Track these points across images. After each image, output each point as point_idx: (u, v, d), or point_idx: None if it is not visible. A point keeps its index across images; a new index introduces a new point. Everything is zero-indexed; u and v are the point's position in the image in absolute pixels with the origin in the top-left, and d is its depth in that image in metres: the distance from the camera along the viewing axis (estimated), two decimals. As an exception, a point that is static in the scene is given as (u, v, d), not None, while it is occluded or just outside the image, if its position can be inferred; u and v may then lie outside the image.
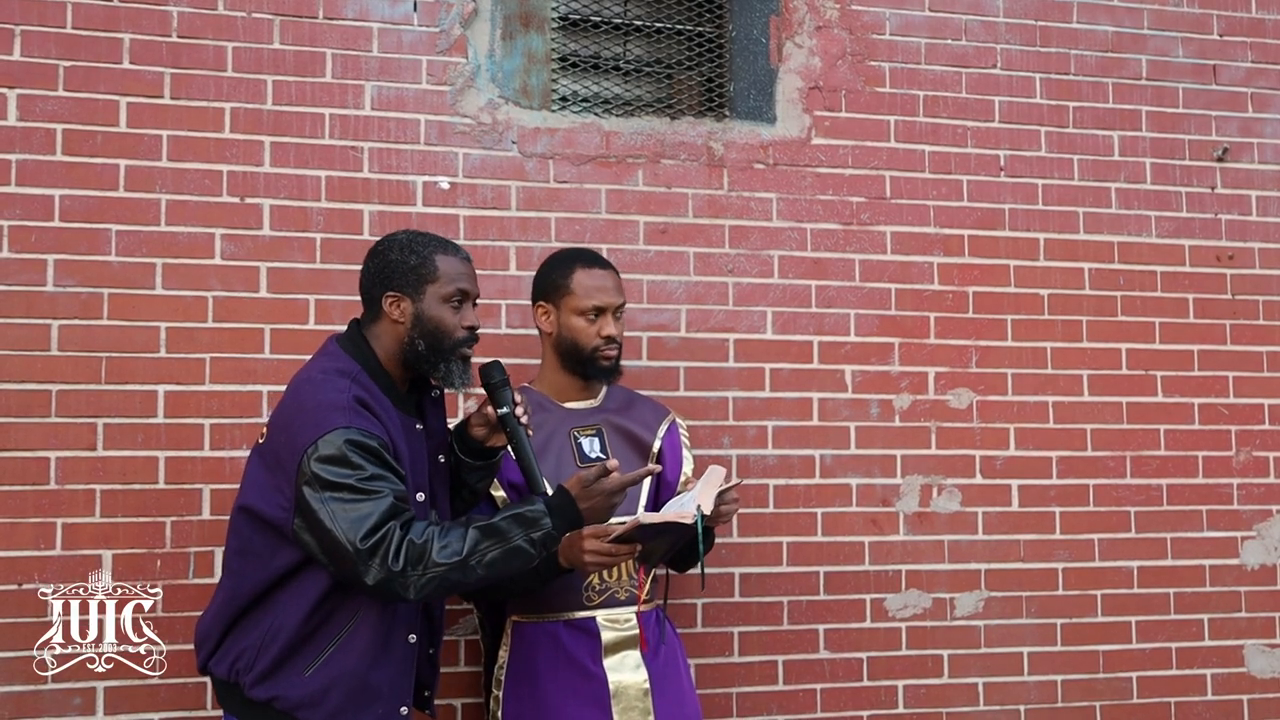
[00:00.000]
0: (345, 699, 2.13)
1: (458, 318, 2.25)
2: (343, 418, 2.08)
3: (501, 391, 2.29)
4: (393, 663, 2.20)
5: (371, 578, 2.02)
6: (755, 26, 3.23)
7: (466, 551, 2.06)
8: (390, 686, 2.20)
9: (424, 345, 2.23)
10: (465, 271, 2.29)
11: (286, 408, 2.19)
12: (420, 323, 2.23)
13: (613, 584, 2.53)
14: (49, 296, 2.74)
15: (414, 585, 2.04)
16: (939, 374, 3.23)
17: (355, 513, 2.02)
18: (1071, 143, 3.38)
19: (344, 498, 2.03)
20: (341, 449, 2.05)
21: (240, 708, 2.18)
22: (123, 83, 2.82)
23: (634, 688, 2.49)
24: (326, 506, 2.03)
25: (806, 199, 3.21)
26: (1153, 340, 3.37)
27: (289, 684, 2.12)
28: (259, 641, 2.14)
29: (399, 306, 2.24)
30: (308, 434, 2.07)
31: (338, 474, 2.04)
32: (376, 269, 2.28)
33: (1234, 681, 3.33)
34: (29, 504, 2.69)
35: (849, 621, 3.12)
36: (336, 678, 2.13)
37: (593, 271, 2.59)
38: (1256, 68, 3.53)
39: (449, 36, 3.03)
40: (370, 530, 2.02)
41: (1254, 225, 3.48)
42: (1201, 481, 3.36)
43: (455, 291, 2.25)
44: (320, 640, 2.13)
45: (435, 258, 2.26)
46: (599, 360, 2.58)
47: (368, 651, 2.16)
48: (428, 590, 2.06)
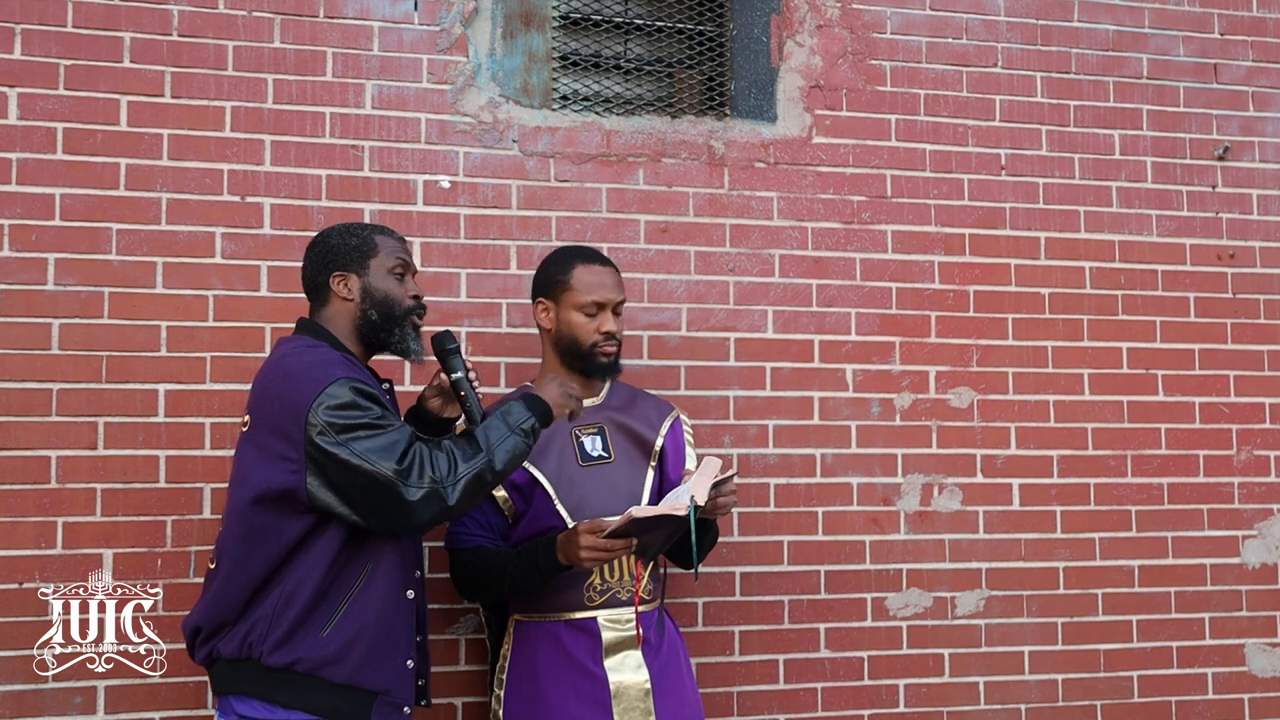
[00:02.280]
0: (369, 651, 2.19)
1: (403, 288, 2.35)
2: (341, 369, 2.18)
3: (452, 358, 2.35)
4: (401, 615, 2.27)
5: (415, 494, 2.10)
6: (756, 25, 3.23)
7: (485, 450, 2.17)
8: (403, 638, 2.26)
9: (376, 315, 2.32)
10: (402, 247, 2.40)
11: (269, 385, 2.23)
12: (369, 295, 2.32)
13: (614, 584, 2.53)
14: (49, 295, 2.74)
15: (453, 491, 2.13)
16: (940, 373, 3.23)
17: (381, 443, 2.11)
18: (1072, 141, 3.38)
19: (364, 435, 2.11)
20: (350, 395, 2.13)
21: (255, 680, 2.18)
22: (123, 81, 2.82)
23: (635, 688, 2.48)
24: (348, 448, 2.10)
25: (807, 198, 3.20)
26: (1154, 339, 3.37)
27: (308, 645, 2.15)
28: (271, 611, 2.16)
29: (346, 284, 2.33)
30: (308, 390, 2.14)
31: (352, 417, 2.12)
32: (319, 256, 2.37)
33: (1235, 680, 3.33)
34: (30, 503, 2.69)
35: (850, 620, 3.12)
36: (357, 631, 2.18)
37: (592, 267, 2.59)
38: (1257, 66, 3.53)
39: (450, 35, 3.03)
40: (402, 453, 2.11)
41: (1255, 224, 3.48)
42: (1202, 480, 3.36)
43: (397, 263, 2.35)
44: (334, 599, 2.18)
45: (373, 237, 2.37)
46: (597, 356, 2.57)
47: (383, 602, 2.22)
48: (465, 496, 2.15)
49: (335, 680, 2.16)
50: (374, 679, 2.19)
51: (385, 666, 2.21)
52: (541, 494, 2.52)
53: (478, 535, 2.53)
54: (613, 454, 2.59)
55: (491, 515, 2.54)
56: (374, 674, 2.19)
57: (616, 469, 2.59)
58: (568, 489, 2.53)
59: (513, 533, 2.56)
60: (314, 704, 2.16)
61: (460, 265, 2.97)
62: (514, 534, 2.56)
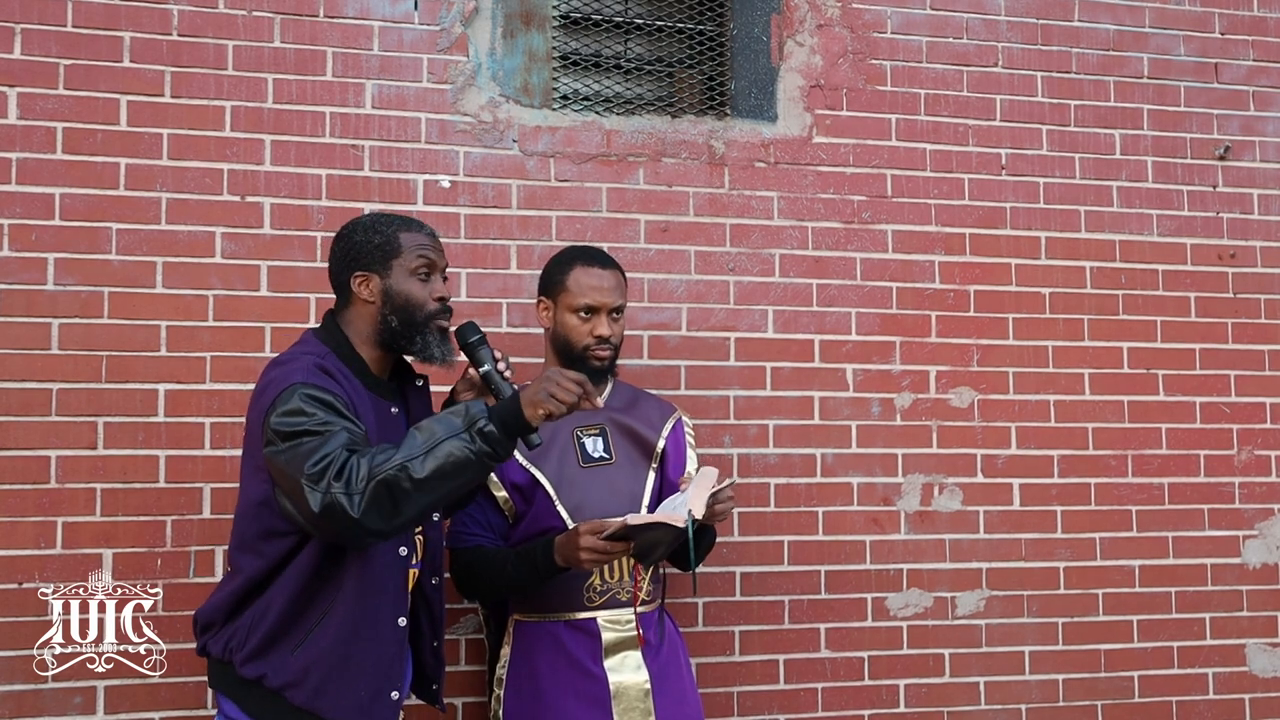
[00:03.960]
0: (323, 679, 2.12)
1: (427, 289, 2.23)
2: (299, 375, 2.07)
3: (479, 350, 2.22)
4: (380, 644, 2.18)
5: (316, 503, 1.95)
6: (756, 25, 3.23)
7: (402, 457, 1.97)
8: (376, 667, 2.17)
9: (397, 321, 2.21)
10: (429, 244, 2.26)
11: (255, 393, 2.19)
12: (390, 298, 2.21)
13: (614, 585, 2.52)
14: (49, 295, 2.74)
15: (356, 500, 1.94)
16: (940, 373, 3.23)
17: (304, 452, 1.99)
18: (1073, 141, 3.38)
19: (301, 443, 2.00)
20: (296, 401, 2.03)
21: (232, 686, 2.20)
22: (123, 81, 2.82)
23: (635, 688, 2.48)
24: (284, 455, 2.01)
25: (808, 197, 3.20)
26: (1154, 339, 3.37)
27: (276, 664, 2.13)
28: (250, 622, 2.15)
29: (368, 285, 2.22)
30: (269, 400, 2.07)
31: (294, 424, 2.01)
32: (342, 253, 2.26)
33: (1235, 680, 3.33)
34: (29, 503, 2.69)
35: (850, 620, 3.12)
36: (315, 658, 2.13)
37: (591, 270, 2.57)
38: (1258, 66, 3.53)
39: (450, 35, 3.02)
40: (317, 460, 1.97)
41: (1255, 224, 3.47)
42: (1203, 480, 3.36)
43: (421, 263, 2.23)
44: (306, 622, 2.13)
45: (399, 234, 2.24)
46: (589, 360, 2.55)
47: (344, 631, 2.13)
48: (374, 506, 1.95)
49: (295, 703, 2.12)
50: (329, 708, 2.13)
51: (342, 697, 2.13)
52: (542, 494, 2.52)
53: (478, 535, 2.53)
54: (614, 455, 2.59)
55: (492, 515, 2.54)
56: (329, 703, 2.13)
57: (617, 470, 2.58)
58: (568, 490, 2.53)
59: (513, 533, 2.55)
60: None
61: (460, 265, 2.96)
62: (514, 534, 2.55)
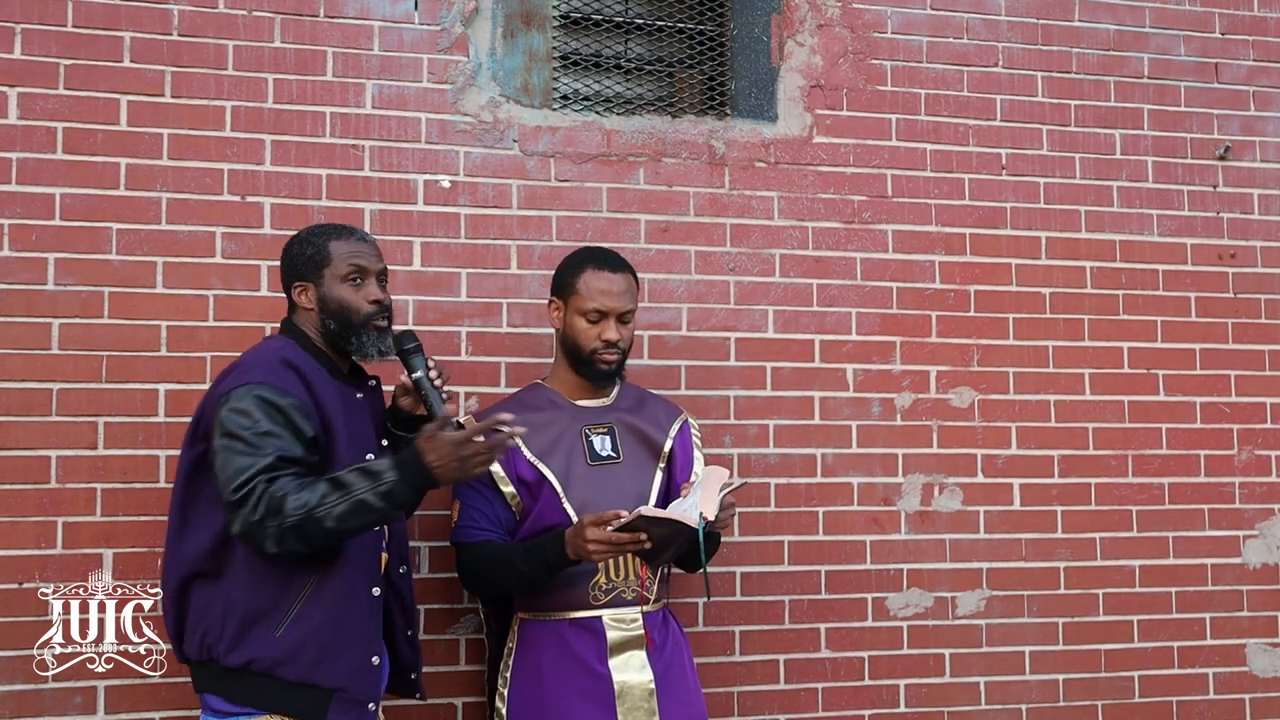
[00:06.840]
0: (320, 650, 2.22)
1: (360, 294, 2.36)
2: (260, 374, 2.21)
3: (413, 358, 2.38)
4: (360, 613, 2.28)
5: (237, 527, 2.13)
6: (757, 25, 3.23)
7: (315, 504, 2.10)
8: (361, 635, 2.27)
9: (335, 325, 2.36)
10: (359, 250, 2.39)
11: (216, 377, 2.34)
12: (326, 305, 2.36)
13: (619, 584, 2.53)
14: (49, 295, 2.73)
15: (271, 536, 2.10)
16: (940, 373, 3.23)
17: (235, 464, 2.12)
18: (1073, 141, 3.38)
19: (235, 447, 2.14)
20: (248, 403, 2.16)
21: (218, 680, 2.25)
22: (123, 81, 2.82)
23: (639, 688, 2.48)
24: (222, 453, 2.15)
25: (808, 197, 3.20)
26: (1154, 339, 3.37)
27: (262, 645, 2.20)
28: (221, 613, 2.22)
29: (306, 294, 2.38)
30: (225, 386, 2.21)
31: (238, 424, 2.15)
32: (284, 266, 2.43)
33: (1236, 680, 3.33)
34: (29, 503, 2.69)
35: (850, 620, 3.12)
36: (309, 632, 2.22)
37: (601, 274, 2.59)
38: (1258, 66, 3.53)
39: (450, 35, 3.02)
40: (240, 484, 2.11)
41: (1256, 224, 3.47)
42: (1203, 480, 3.36)
43: (351, 269, 2.36)
44: (286, 601, 2.22)
45: (328, 244, 2.38)
46: (597, 363, 2.58)
47: (336, 603, 2.24)
48: (287, 541, 2.11)
49: (290, 679, 2.21)
50: (328, 676, 2.22)
51: (339, 664, 2.23)
52: (549, 491, 2.53)
53: (486, 530, 2.53)
54: (621, 454, 2.60)
55: (500, 510, 2.54)
56: (327, 671, 2.22)
57: (625, 469, 2.59)
58: (575, 487, 2.53)
59: (520, 529, 2.56)
60: (272, 702, 2.22)
61: (460, 265, 2.96)
62: (521, 530, 2.55)
